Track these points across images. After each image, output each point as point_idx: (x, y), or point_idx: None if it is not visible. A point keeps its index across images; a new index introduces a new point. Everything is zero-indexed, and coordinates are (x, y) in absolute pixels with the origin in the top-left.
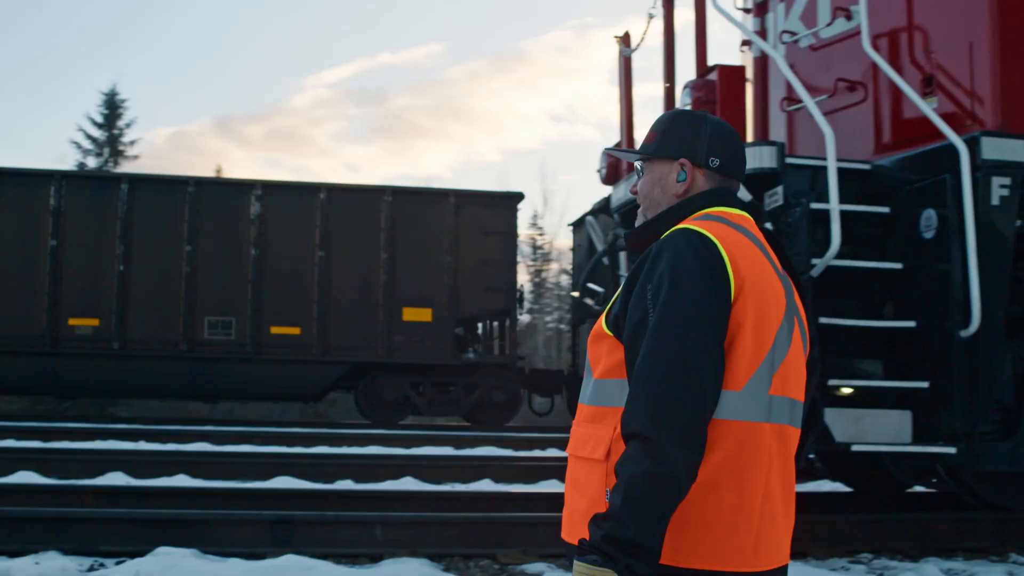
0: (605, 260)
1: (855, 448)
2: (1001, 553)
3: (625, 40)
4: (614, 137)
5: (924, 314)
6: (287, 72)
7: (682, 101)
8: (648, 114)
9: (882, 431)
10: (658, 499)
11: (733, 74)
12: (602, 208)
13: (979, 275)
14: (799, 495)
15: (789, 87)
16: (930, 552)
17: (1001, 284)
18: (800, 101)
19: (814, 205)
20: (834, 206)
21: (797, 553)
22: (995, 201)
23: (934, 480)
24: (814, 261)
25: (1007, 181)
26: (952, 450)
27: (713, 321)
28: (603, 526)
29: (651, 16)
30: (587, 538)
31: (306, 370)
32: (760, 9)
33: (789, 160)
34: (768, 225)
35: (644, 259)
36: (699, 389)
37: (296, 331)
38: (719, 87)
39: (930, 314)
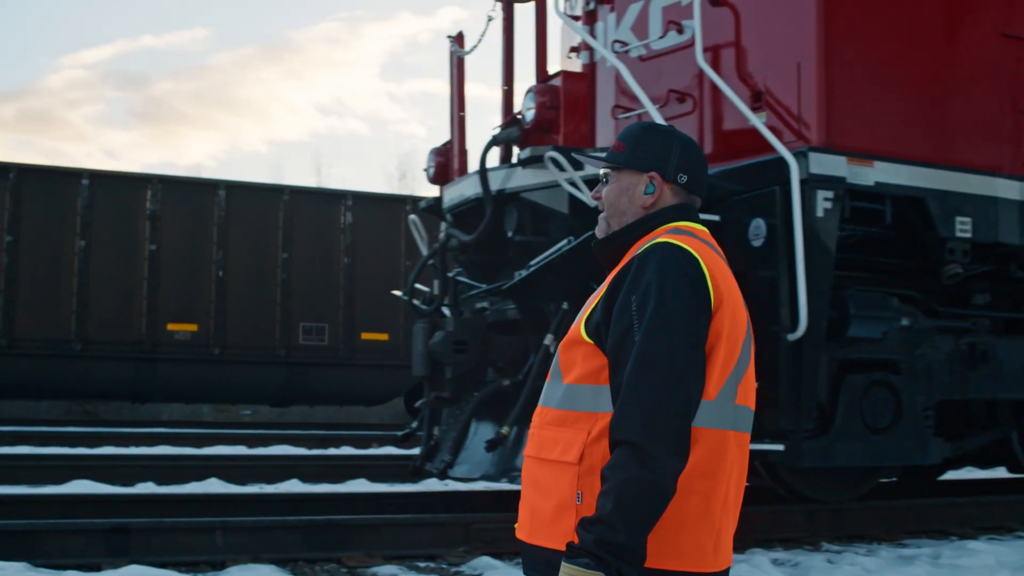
0: (431, 262)
1: None
2: (814, 543)
3: (458, 40)
4: (409, 134)
5: (752, 318)
6: (41, 50)
7: (525, 105)
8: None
9: None
10: (648, 505)
11: (578, 80)
12: (430, 207)
13: (806, 283)
14: None
15: (620, 95)
16: (750, 544)
17: (824, 292)
18: (631, 110)
19: None
20: None
21: None
22: (820, 213)
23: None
24: None
25: (830, 195)
26: (780, 447)
27: (698, 333)
28: (593, 530)
29: (490, 18)
30: (574, 541)
31: (393, 374)
32: (589, 17)
33: None
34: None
35: (626, 270)
36: (686, 398)
37: (385, 337)
38: (563, 93)
39: (758, 318)
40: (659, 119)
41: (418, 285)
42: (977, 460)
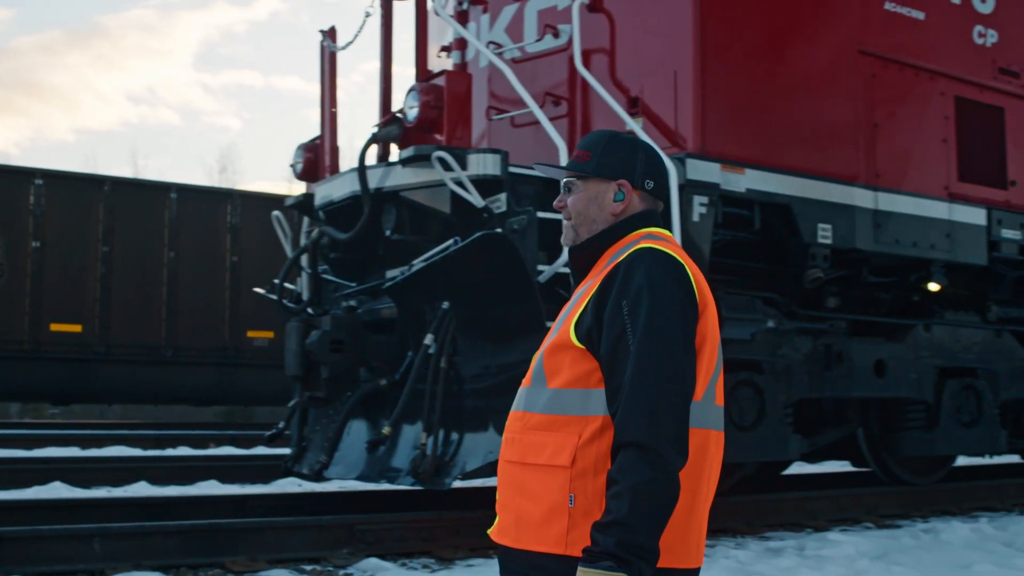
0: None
1: None
2: None
3: (331, 35)
4: (224, 126)
5: None
6: None
7: (407, 104)
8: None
9: None
10: (662, 505)
11: (461, 80)
12: (298, 205)
13: None
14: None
15: (491, 97)
16: None
17: None
18: (504, 111)
19: (541, 214)
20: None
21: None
22: (695, 218)
23: None
24: (541, 268)
25: (705, 200)
26: None
27: (690, 336)
28: (612, 533)
29: (368, 14)
30: (583, 546)
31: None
32: (460, 18)
33: (512, 169)
34: (498, 230)
35: (612, 276)
36: (685, 399)
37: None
38: (447, 92)
39: None
40: (545, 122)
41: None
42: (828, 455)
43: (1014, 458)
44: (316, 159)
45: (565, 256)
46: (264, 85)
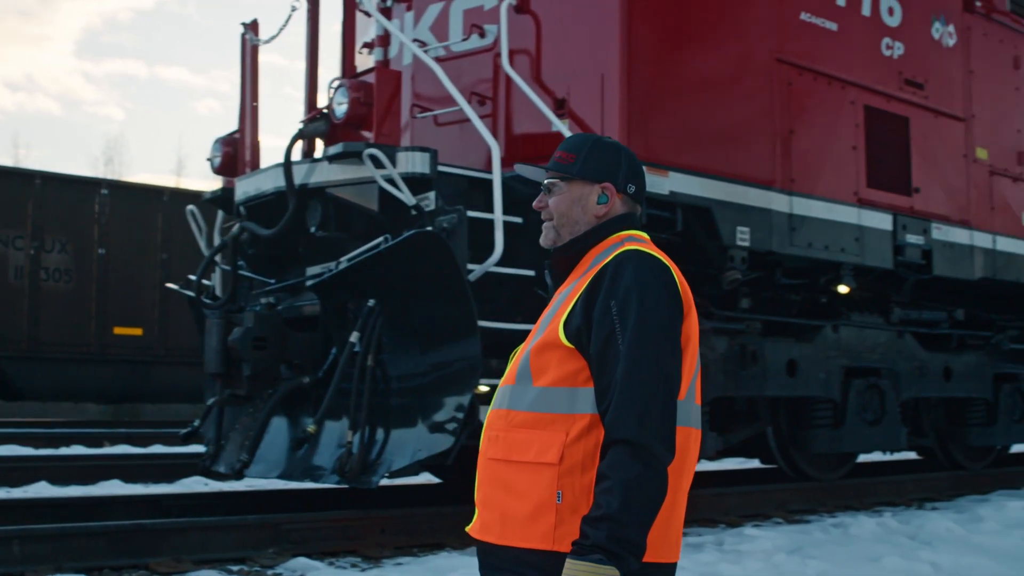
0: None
1: None
2: None
3: (253, 28)
4: (106, 116)
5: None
6: None
7: (336, 100)
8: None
9: None
10: (652, 500)
11: (391, 77)
12: (216, 199)
13: None
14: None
15: (416, 95)
16: None
17: None
18: (428, 109)
19: (471, 213)
20: (498, 215)
21: (435, 545)
22: None
23: None
24: (471, 267)
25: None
26: None
27: (677, 336)
28: (603, 527)
29: (294, 9)
30: (573, 541)
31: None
32: (384, 15)
33: (441, 168)
34: (428, 228)
35: (600, 276)
36: (673, 398)
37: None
38: (377, 89)
39: None
40: (477, 122)
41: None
42: (735, 453)
43: (911, 454)
44: (235, 153)
45: (496, 256)
46: (149, 75)
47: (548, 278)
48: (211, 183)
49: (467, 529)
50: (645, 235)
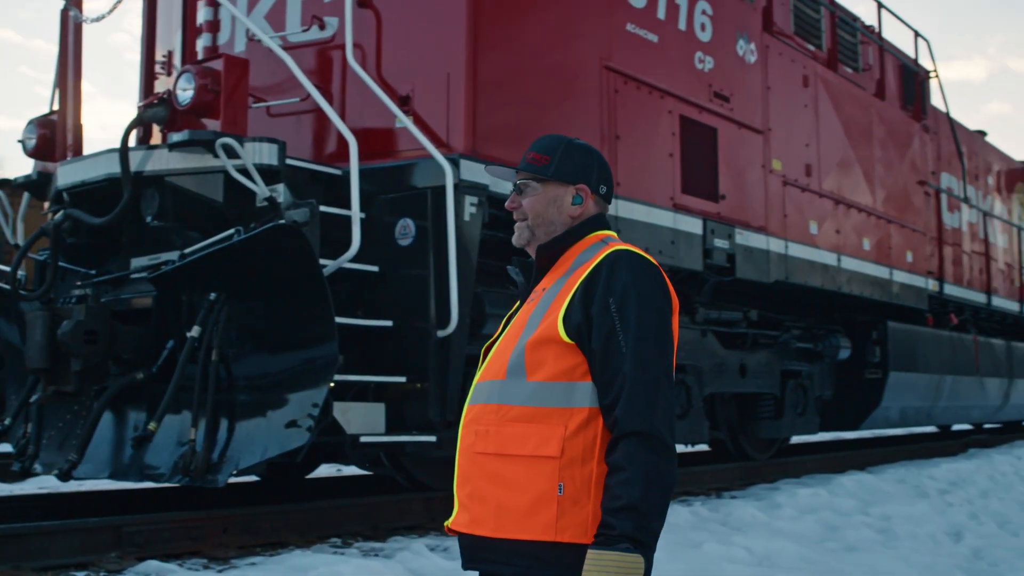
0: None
1: (364, 439)
2: (439, 527)
3: (76, 3)
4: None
5: (400, 315)
6: None
7: (180, 86)
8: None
9: (363, 422)
10: (668, 489)
11: (239, 65)
12: (29, 184)
13: (458, 283)
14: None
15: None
16: (383, 534)
17: (468, 291)
18: (261, 100)
19: (324, 208)
20: (355, 211)
21: (277, 544)
22: (467, 217)
23: (376, 465)
24: (324, 261)
25: (476, 200)
26: (433, 438)
27: (672, 332)
28: (631, 517)
29: None
30: (576, 531)
31: None
32: (213, 0)
33: (289, 161)
34: (281, 221)
35: (594, 275)
36: (673, 390)
37: None
38: (225, 77)
39: (406, 315)
40: (333, 115)
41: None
42: None
43: (703, 446)
44: (52, 136)
45: (352, 251)
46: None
47: (516, 276)
48: None
49: (448, 524)
50: (615, 235)
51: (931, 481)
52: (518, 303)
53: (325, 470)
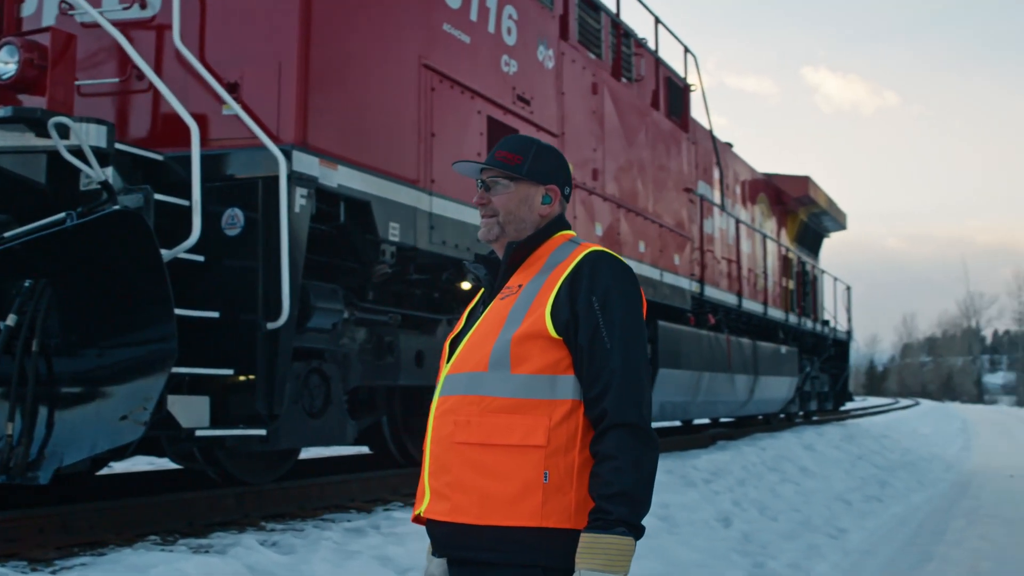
0: None
1: (199, 434)
2: (254, 523)
3: None
4: None
5: (226, 306)
6: None
7: (1, 59)
8: None
9: (188, 416)
10: (653, 476)
11: (67, 40)
12: None
13: (289, 275)
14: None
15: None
16: (201, 530)
17: (296, 283)
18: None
19: (159, 196)
20: (196, 199)
21: (96, 543)
22: (297, 209)
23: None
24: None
25: (305, 192)
26: (263, 432)
27: (645, 329)
28: (625, 503)
29: None
30: (562, 516)
31: None
32: None
33: (118, 145)
34: (121, 207)
35: (577, 273)
36: (650, 384)
37: None
38: (51, 51)
39: (233, 306)
40: (173, 100)
41: None
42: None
43: None
44: None
45: (192, 240)
46: None
47: (477, 270)
48: None
49: (422, 513)
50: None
51: (695, 471)
52: (478, 297)
53: (120, 466)
